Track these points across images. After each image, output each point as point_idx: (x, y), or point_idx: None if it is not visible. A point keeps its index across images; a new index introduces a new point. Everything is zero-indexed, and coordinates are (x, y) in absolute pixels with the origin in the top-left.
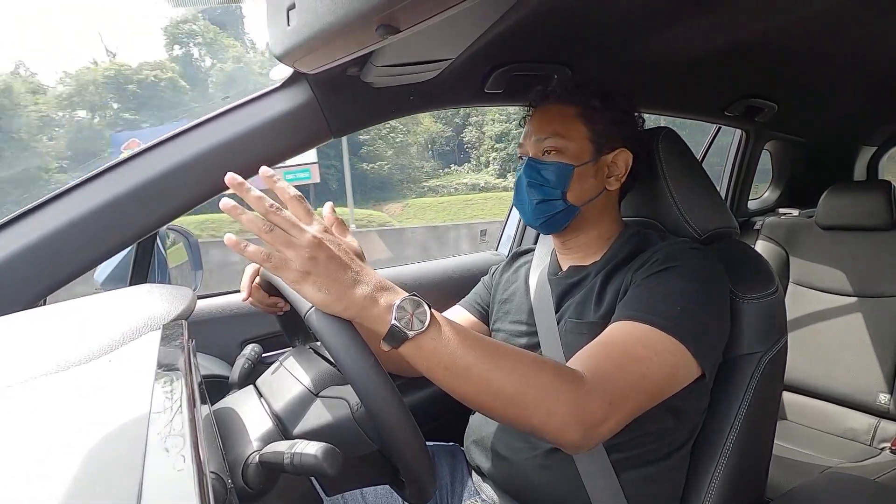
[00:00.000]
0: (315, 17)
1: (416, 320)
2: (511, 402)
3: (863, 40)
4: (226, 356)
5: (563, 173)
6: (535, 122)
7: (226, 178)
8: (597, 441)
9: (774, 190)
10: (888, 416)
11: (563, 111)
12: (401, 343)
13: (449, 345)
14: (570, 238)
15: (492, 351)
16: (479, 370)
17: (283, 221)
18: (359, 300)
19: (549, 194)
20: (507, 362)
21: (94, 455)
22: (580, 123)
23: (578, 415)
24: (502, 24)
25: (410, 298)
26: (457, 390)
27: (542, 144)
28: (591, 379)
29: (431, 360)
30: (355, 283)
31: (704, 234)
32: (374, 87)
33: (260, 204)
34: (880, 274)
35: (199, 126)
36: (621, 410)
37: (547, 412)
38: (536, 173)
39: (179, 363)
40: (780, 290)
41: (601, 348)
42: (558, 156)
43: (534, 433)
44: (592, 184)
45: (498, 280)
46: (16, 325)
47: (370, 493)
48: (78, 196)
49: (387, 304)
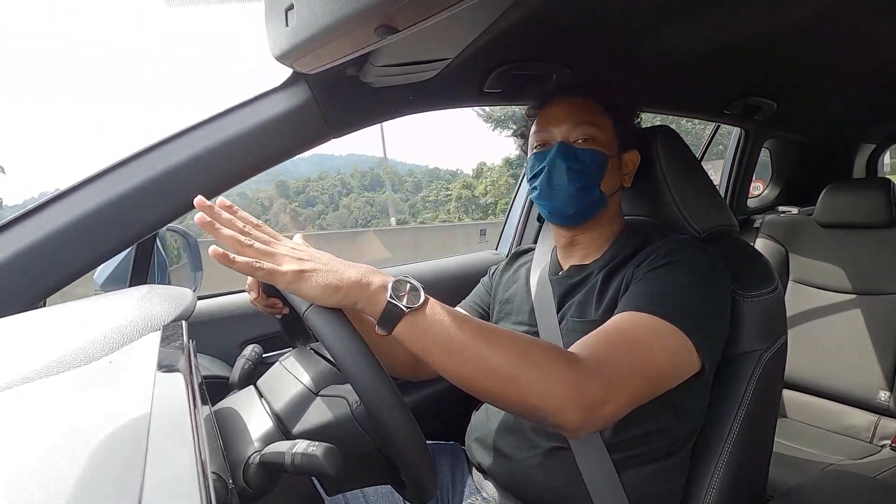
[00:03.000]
0: (313, 17)
1: (410, 297)
2: (508, 380)
3: (862, 39)
4: (226, 357)
5: (601, 161)
6: (562, 109)
7: (195, 202)
8: (597, 424)
9: (774, 188)
10: (888, 413)
11: (591, 104)
12: (396, 322)
13: (443, 322)
14: (582, 233)
15: (486, 329)
16: (475, 348)
17: (260, 236)
18: (354, 284)
19: (588, 180)
20: (502, 341)
21: (95, 456)
22: (607, 118)
23: (577, 394)
24: (501, 23)
25: (402, 279)
26: (453, 370)
27: (577, 131)
28: (589, 359)
29: (427, 337)
30: (347, 269)
31: (704, 232)
32: (373, 87)
33: (232, 225)
34: (880, 271)
35: (198, 126)
36: (621, 393)
37: (545, 390)
38: (575, 158)
39: (180, 364)
40: (780, 288)
41: (601, 334)
42: (593, 143)
43: (533, 416)
44: (617, 178)
45: (498, 280)
46: (16, 327)
47: (371, 492)
48: (78, 197)
49: (381, 284)
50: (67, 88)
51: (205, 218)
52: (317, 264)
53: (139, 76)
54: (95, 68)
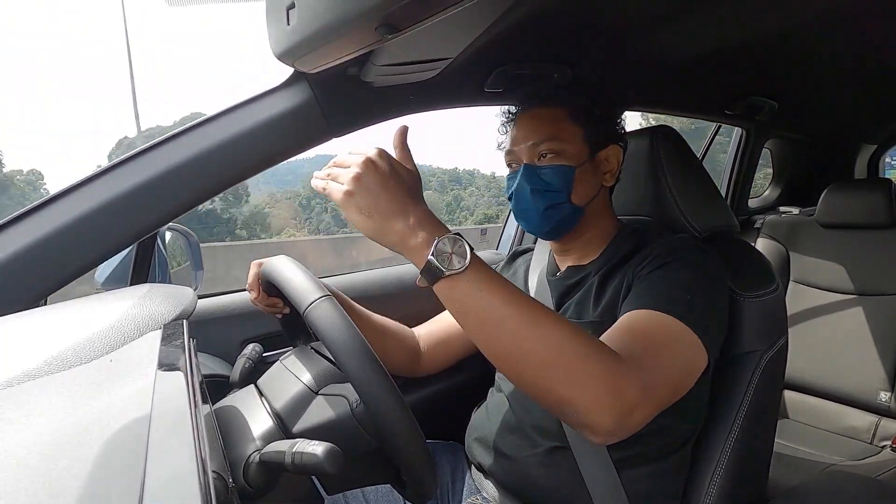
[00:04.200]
0: (315, 16)
1: (455, 259)
2: (543, 366)
3: (863, 39)
4: (227, 356)
5: (566, 175)
6: (524, 127)
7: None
8: (627, 430)
9: (775, 188)
10: (889, 414)
11: (553, 113)
12: (435, 280)
13: (484, 292)
14: (570, 242)
15: (530, 308)
16: (514, 326)
17: (346, 160)
18: (399, 229)
19: (554, 199)
20: (544, 323)
21: (95, 454)
22: (572, 124)
23: (614, 394)
24: (502, 23)
25: (452, 237)
26: (486, 345)
27: (538, 149)
28: (627, 358)
29: (466, 305)
30: (398, 212)
31: (704, 232)
32: (374, 87)
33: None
34: (881, 272)
35: (198, 126)
36: (654, 398)
37: (582, 383)
38: (537, 178)
39: (180, 363)
40: (781, 289)
41: (628, 334)
42: (556, 158)
43: (563, 410)
44: (592, 182)
45: None
46: (16, 326)
47: (371, 492)
48: (78, 196)
49: (425, 239)
50: (67, 88)
51: (319, 184)
52: (367, 192)
53: (139, 76)
54: (95, 68)
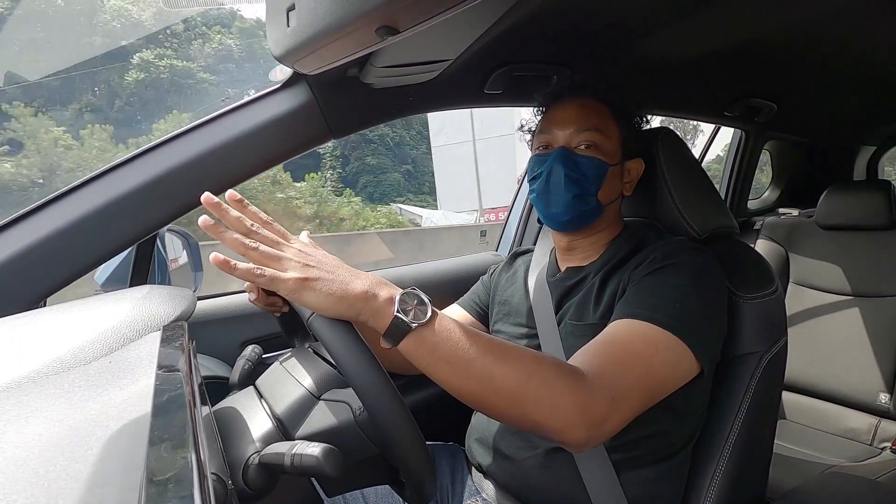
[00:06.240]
0: (315, 17)
1: (417, 311)
2: (514, 398)
3: (862, 41)
4: (226, 357)
5: (600, 170)
6: (571, 111)
7: (202, 199)
8: (600, 439)
9: (774, 190)
10: (888, 415)
11: (600, 108)
12: (403, 336)
13: (451, 338)
14: (580, 238)
15: (493, 346)
16: (482, 364)
17: (265, 239)
18: (360, 295)
19: (585, 190)
20: (508, 357)
21: (94, 455)
22: (615, 123)
23: (582, 411)
24: (502, 24)
25: (410, 292)
26: (459, 387)
27: (581, 136)
28: (592, 375)
29: (434, 354)
30: (354, 276)
31: (704, 233)
32: (373, 88)
33: (240, 224)
34: (880, 273)
35: (199, 127)
36: (624, 408)
37: (550, 409)
38: (573, 164)
39: (180, 364)
40: (780, 290)
41: (602, 346)
42: (595, 150)
43: (537, 432)
44: (616, 186)
45: (497, 280)
46: (16, 327)
47: (370, 493)
48: (78, 197)
49: (388, 297)
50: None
51: (208, 221)
52: (321, 272)
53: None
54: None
